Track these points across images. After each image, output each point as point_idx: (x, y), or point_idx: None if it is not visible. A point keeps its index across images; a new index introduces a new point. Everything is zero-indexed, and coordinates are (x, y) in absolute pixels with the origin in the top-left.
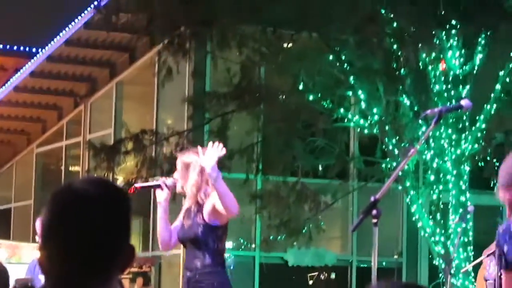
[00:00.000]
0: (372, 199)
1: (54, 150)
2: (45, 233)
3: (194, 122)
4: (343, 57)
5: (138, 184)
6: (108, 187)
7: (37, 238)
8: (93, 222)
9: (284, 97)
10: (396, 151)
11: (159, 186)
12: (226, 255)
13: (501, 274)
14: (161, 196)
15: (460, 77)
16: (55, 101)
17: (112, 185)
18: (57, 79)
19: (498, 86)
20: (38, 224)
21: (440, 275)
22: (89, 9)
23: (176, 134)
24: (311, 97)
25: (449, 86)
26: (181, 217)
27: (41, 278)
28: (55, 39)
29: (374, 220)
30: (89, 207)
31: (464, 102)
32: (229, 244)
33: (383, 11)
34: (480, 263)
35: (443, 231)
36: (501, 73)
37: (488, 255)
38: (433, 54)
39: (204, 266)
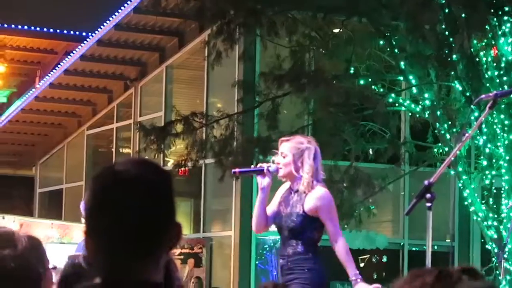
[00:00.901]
0: (426, 183)
1: (105, 132)
2: (88, 216)
3: (244, 105)
4: (394, 43)
5: (239, 169)
6: (149, 167)
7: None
8: (135, 203)
9: (335, 81)
10: (448, 136)
11: (261, 171)
12: (277, 237)
13: None
14: (263, 182)
15: None
16: (105, 84)
17: (153, 164)
18: (107, 63)
19: None
20: (81, 206)
21: (493, 259)
22: None
23: (227, 117)
24: (362, 82)
25: (502, 72)
26: (276, 201)
27: None
28: (105, 23)
29: (428, 204)
30: (130, 188)
31: None
32: None
33: None
34: None
35: (495, 216)
36: None
37: None
38: (485, 40)
39: (295, 253)
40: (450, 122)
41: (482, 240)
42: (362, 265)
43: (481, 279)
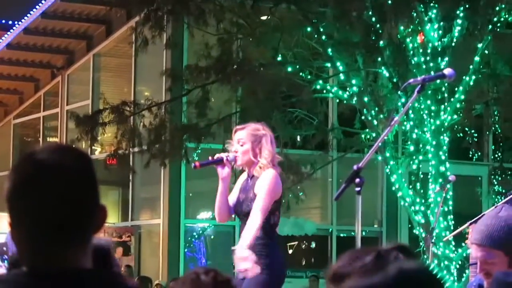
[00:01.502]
0: (355, 167)
1: (32, 121)
2: (10, 207)
3: (173, 94)
4: (322, 30)
5: (199, 162)
6: (68, 152)
7: None
8: (56, 189)
9: (262, 68)
10: (375, 122)
11: (221, 161)
12: (205, 224)
13: None
14: (224, 172)
15: (439, 49)
16: (32, 73)
17: (72, 149)
18: (34, 51)
19: (477, 58)
20: None
21: (421, 244)
22: None
23: (155, 105)
24: (289, 69)
25: (428, 58)
26: (237, 190)
27: None
28: (31, 12)
29: (358, 188)
30: (50, 174)
31: (447, 71)
32: (208, 214)
33: None
34: (461, 232)
35: (423, 201)
36: (480, 45)
37: (470, 223)
38: (412, 27)
39: (254, 238)
40: (377, 108)
41: (410, 225)
42: (290, 251)
43: (414, 257)
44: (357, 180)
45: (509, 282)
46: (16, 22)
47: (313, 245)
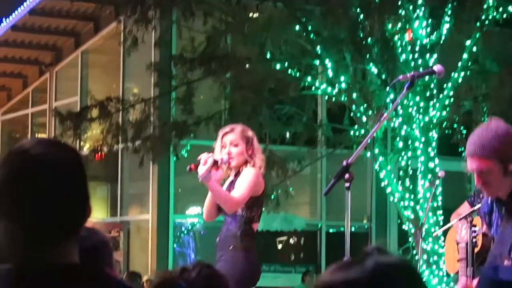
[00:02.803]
0: (344, 163)
1: (20, 118)
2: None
3: (160, 90)
4: (309, 27)
5: (194, 164)
6: (58, 147)
7: None
8: (46, 183)
9: (250, 65)
10: (364, 119)
11: (215, 164)
12: (194, 220)
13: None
14: (217, 174)
15: (427, 47)
16: (20, 69)
17: (61, 144)
18: (22, 48)
19: (465, 55)
20: None
21: (410, 239)
22: None
23: (142, 101)
24: (278, 66)
25: (416, 55)
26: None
27: None
28: (19, 9)
29: (347, 184)
30: (40, 168)
31: (436, 68)
32: (197, 210)
33: None
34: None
35: (412, 196)
36: (468, 42)
37: (460, 219)
38: (399, 24)
39: (227, 230)
40: (366, 105)
41: (399, 221)
42: (280, 246)
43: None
44: (347, 175)
45: (497, 281)
46: (4, 19)
47: (302, 240)
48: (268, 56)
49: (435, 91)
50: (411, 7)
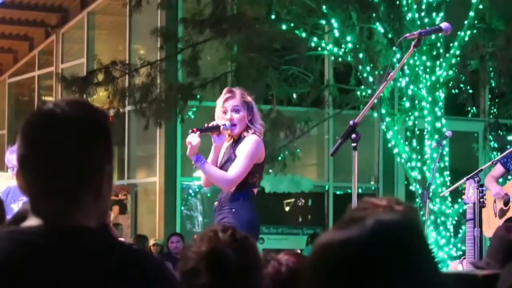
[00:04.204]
0: (351, 123)
1: (27, 80)
2: (21, 160)
3: (167, 52)
4: None
5: (196, 129)
6: (84, 107)
7: (8, 170)
8: (71, 144)
9: (257, 26)
10: (371, 79)
11: (217, 129)
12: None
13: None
14: (219, 139)
15: (434, 4)
16: (26, 31)
17: (88, 105)
18: (28, 10)
19: (471, 13)
20: (7, 155)
21: (417, 200)
22: None
23: (148, 65)
24: (284, 27)
25: (423, 14)
26: (221, 154)
27: (13, 207)
28: None
29: (354, 144)
30: (65, 129)
31: (443, 25)
32: None
33: None
34: (457, 188)
35: (419, 157)
36: (474, 0)
37: (467, 179)
38: None
39: (227, 195)
40: (372, 65)
41: (406, 182)
42: (287, 209)
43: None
44: (353, 135)
45: (508, 240)
46: None
47: (310, 202)
48: (274, 17)
49: (441, 51)
50: None
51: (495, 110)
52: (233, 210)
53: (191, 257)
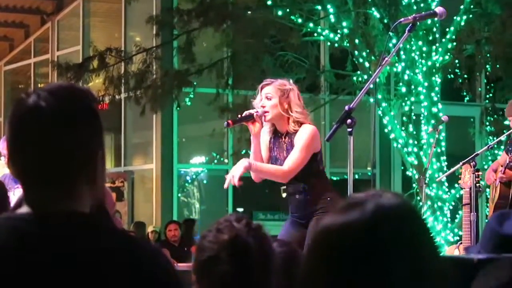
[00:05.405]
0: (346, 108)
1: (22, 68)
2: (10, 150)
3: (162, 39)
4: None
5: (231, 120)
6: (68, 93)
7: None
8: (57, 134)
9: (251, 13)
10: (367, 64)
11: (251, 117)
12: (199, 169)
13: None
14: (255, 128)
15: None
16: (22, 19)
17: (71, 89)
18: None
19: None
20: (1, 142)
21: (414, 185)
22: None
23: (144, 51)
24: (279, 12)
25: None
26: (265, 147)
27: (9, 195)
28: None
29: (349, 129)
30: (51, 121)
31: (438, 9)
32: (201, 159)
33: None
34: (454, 173)
35: (415, 142)
36: None
37: (463, 164)
38: None
39: (311, 187)
40: (368, 50)
41: (403, 167)
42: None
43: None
44: (349, 120)
45: (501, 234)
46: None
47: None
48: (270, 2)
49: (437, 36)
50: None
51: (491, 94)
52: (329, 199)
53: (209, 247)
